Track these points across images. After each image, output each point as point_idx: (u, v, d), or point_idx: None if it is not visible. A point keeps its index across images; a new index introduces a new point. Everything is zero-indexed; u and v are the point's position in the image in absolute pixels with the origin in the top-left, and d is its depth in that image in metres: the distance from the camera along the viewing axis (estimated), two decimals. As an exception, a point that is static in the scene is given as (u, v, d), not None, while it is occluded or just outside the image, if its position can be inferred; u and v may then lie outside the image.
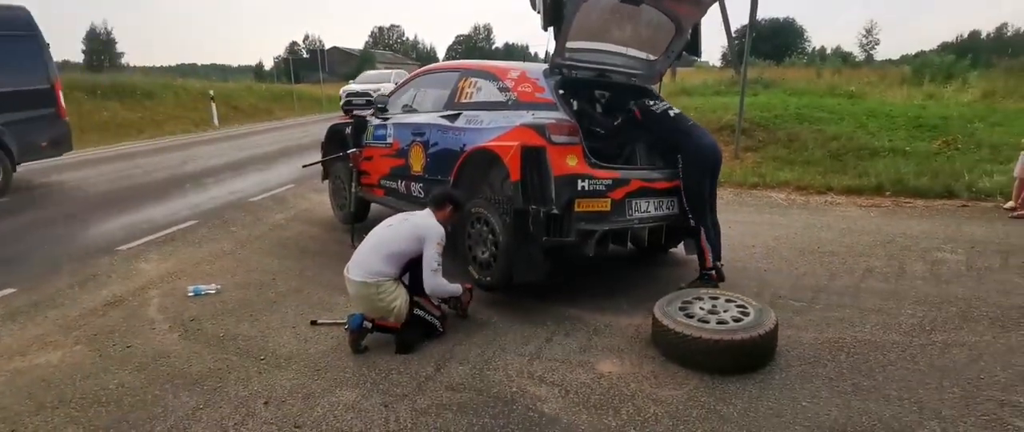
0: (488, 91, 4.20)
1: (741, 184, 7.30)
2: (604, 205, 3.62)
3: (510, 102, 3.98)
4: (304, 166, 6.35)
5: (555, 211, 3.49)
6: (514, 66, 4.22)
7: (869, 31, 67.95)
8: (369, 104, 5.27)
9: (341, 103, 15.63)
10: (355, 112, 5.44)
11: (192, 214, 6.52)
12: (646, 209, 3.83)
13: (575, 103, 4.17)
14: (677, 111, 4.16)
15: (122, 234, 5.78)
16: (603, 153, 4.09)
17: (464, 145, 4.05)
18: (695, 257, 4.58)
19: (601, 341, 3.36)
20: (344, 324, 3.36)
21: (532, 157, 3.49)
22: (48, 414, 2.74)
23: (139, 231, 5.87)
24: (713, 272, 4.02)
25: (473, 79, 4.38)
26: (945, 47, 50.90)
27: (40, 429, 2.61)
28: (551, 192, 3.49)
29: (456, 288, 3.48)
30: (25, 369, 3.19)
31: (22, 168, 8.13)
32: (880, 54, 63.79)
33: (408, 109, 5.07)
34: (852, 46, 67.31)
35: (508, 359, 3.17)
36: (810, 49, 62.82)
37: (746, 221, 5.72)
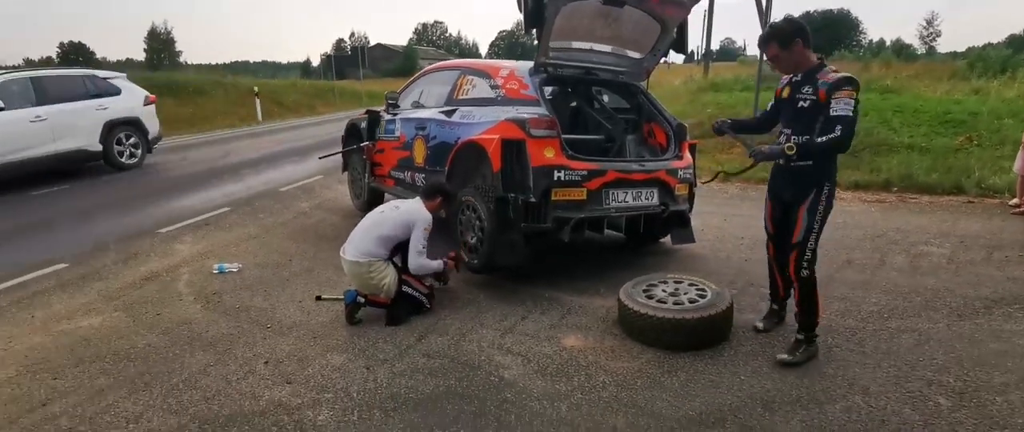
0: (481, 88, 4.52)
1: (748, 180, 7.37)
2: (580, 194, 3.89)
3: (499, 98, 4.29)
4: (320, 158, 6.84)
5: (533, 199, 3.78)
6: (505, 65, 4.53)
7: (929, 22, 64.85)
8: None
9: None
10: (369, 108, 5.87)
11: (226, 202, 7.09)
12: (623, 199, 4.08)
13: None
14: None
15: (164, 218, 6.39)
16: (588, 146, 4.36)
17: (457, 138, 4.39)
18: (682, 247, 4.82)
19: (572, 319, 3.65)
20: (343, 299, 3.74)
21: (512, 149, 3.79)
22: (85, 366, 3.22)
23: (178, 216, 6.46)
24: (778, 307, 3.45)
25: (470, 77, 4.72)
26: (1013, 40, 48.09)
27: (77, 378, 3.09)
28: (529, 181, 3.78)
29: (438, 265, 3.82)
30: (70, 331, 3.71)
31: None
32: (944, 46, 60.84)
33: (416, 105, 5.44)
34: (913, 39, 64.36)
35: (483, 333, 3.49)
36: (867, 42, 60.56)
37: (743, 215, 5.88)
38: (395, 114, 5.52)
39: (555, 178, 3.82)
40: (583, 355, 3.19)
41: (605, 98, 5.23)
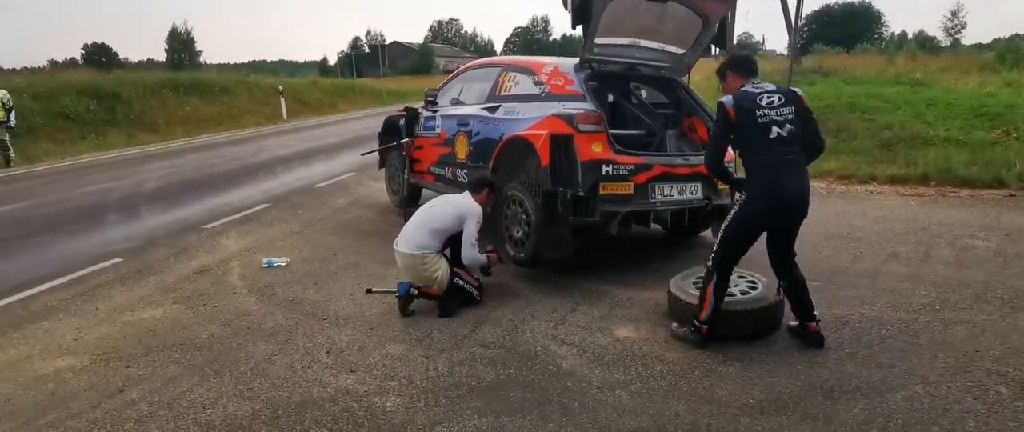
0: (525, 84, 4.58)
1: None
2: (627, 188, 3.94)
3: (543, 94, 4.35)
4: (362, 154, 6.95)
5: (581, 193, 3.84)
6: (548, 61, 4.59)
7: (954, 13, 63.18)
8: None
9: None
10: (407, 105, 5.97)
11: (265, 198, 7.24)
12: (669, 193, 4.12)
13: None
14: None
15: (206, 215, 6.55)
16: (631, 141, 4.40)
17: (502, 134, 4.46)
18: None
19: (622, 311, 3.70)
20: (395, 291, 3.83)
21: (560, 144, 3.85)
22: (155, 355, 3.35)
23: (220, 213, 6.62)
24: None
25: (512, 74, 4.78)
26: (1045, 30, 46.77)
27: (149, 366, 3.21)
28: (577, 176, 3.84)
29: (484, 258, 3.91)
30: (134, 322, 3.84)
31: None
32: (969, 38, 59.30)
33: (455, 102, 5.52)
34: (937, 31, 62.89)
35: (536, 324, 3.56)
36: (888, 34, 59.43)
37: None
38: (434, 111, 5.61)
39: (603, 173, 3.87)
40: (637, 345, 3.25)
41: (643, 93, 5.27)
